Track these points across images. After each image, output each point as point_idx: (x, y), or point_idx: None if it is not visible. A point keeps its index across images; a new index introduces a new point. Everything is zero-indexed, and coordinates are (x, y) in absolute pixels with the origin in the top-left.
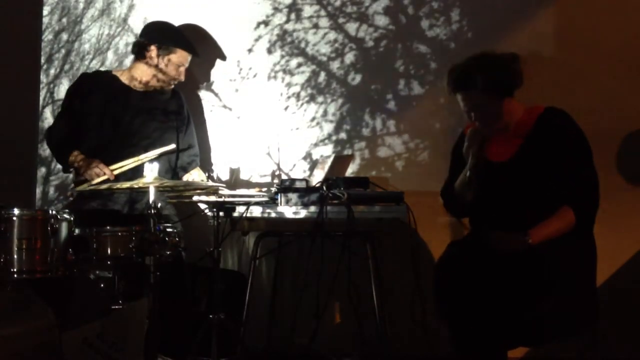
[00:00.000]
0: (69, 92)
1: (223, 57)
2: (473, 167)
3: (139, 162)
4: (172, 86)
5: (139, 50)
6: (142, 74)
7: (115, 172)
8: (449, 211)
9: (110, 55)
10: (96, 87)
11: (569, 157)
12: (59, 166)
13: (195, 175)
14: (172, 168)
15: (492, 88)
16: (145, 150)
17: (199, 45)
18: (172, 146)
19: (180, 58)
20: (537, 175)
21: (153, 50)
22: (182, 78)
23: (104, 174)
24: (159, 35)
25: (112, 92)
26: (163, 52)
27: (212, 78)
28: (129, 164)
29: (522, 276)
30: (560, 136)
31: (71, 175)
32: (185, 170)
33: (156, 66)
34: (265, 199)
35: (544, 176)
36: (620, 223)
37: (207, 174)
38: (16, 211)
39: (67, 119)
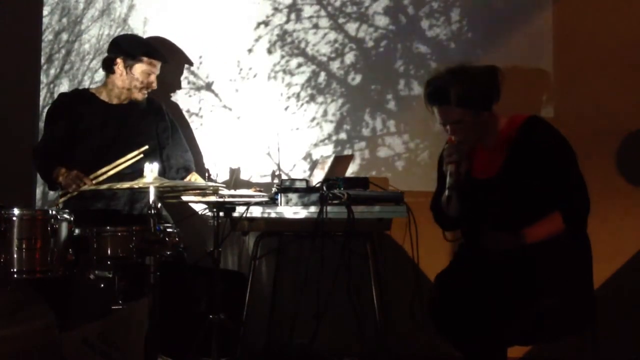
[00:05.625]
0: (49, 113)
1: (190, 63)
2: (450, 186)
3: (117, 168)
4: (146, 95)
5: (108, 66)
6: (115, 88)
7: (95, 181)
8: (438, 224)
9: None
10: (75, 105)
11: (553, 165)
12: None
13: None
14: (163, 172)
15: (467, 103)
16: (128, 154)
17: (167, 54)
18: (145, 147)
19: (147, 66)
20: (524, 188)
21: (120, 63)
22: (154, 85)
23: (84, 183)
24: (122, 48)
25: (91, 108)
26: (129, 63)
27: (212, 78)
28: (106, 170)
29: (517, 277)
30: (541, 145)
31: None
32: (188, 171)
33: (126, 78)
34: (265, 199)
35: (531, 188)
36: (620, 223)
37: (206, 176)
38: (16, 211)
39: (49, 139)
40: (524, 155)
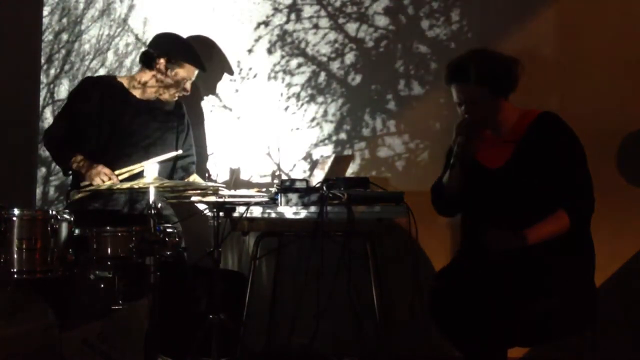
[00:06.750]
0: (72, 95)
1: (230, 72)
2: (456, 155)
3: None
4: (177, 98)
5: (148, 61)
6: (148, 83)
7: (121, 177)
8: (435, 207)
9: (110, 55)
10: (99, 91)
11: (562, 162)
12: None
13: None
14: (171, 170)
15: (485, 84)
16: (146, 151)
17: (204, 56)
18: (179, 152)
19: (188, 72)
20: (531, 181)
21: (162, 63)
22: (188, 91)
23: (110, 179)
24: (169, 48)
25: (115, 96)
26: (172, 65)
27: (212, 78)
28: (134, 169)
29: (520, 277)
30: (553, 141)
31: (70, 178)
32: (187, 171)
33: (163, 77)
34: (266, 199)
35: (538, 182)
36: (620, 223)
37: (206, 176)
38: (16, 211)
39: (67, 122)
40: (533, 149)
